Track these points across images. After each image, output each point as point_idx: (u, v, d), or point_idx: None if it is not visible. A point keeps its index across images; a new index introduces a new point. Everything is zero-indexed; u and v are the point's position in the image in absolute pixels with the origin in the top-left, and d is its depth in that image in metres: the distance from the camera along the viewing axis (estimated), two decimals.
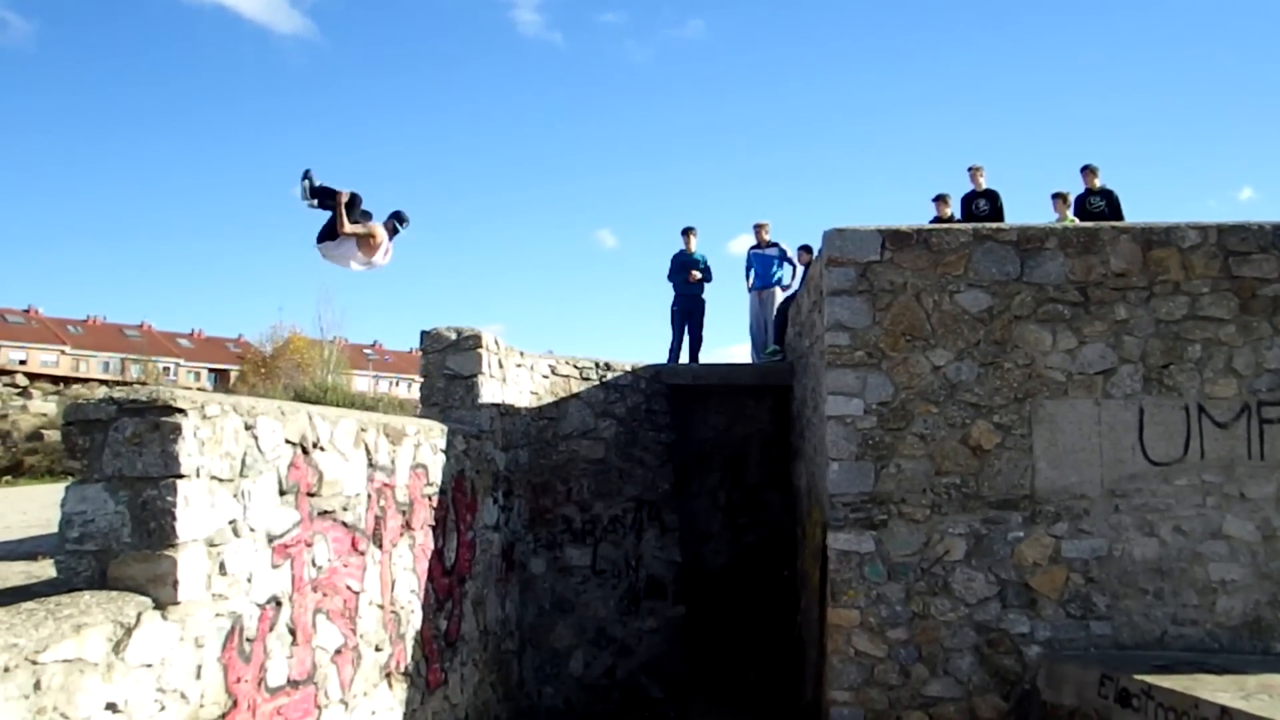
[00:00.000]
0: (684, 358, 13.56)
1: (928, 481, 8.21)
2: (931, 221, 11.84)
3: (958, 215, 12.22)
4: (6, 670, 3.17)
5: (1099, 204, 11.65)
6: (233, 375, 56.90)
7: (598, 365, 11.56)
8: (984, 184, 12.46)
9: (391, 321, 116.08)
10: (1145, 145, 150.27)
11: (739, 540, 12.03)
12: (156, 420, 4.11)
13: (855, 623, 8.12)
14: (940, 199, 12.43)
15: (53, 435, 20.05)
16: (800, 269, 13.17)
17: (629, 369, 11.62)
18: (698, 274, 13.67)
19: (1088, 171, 11.93)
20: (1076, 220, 11.00)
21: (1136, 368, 8.23)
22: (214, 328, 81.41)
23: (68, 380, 33.05)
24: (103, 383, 33.69)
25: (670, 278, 13.90)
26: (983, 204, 12.27)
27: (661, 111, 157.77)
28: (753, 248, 13.99)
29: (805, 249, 13.16)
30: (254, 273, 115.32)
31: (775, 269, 13.74)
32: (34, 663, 3.30)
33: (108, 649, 3.67)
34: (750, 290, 13.97)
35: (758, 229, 13.95)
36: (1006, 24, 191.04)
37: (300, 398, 17.63)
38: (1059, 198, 11.81)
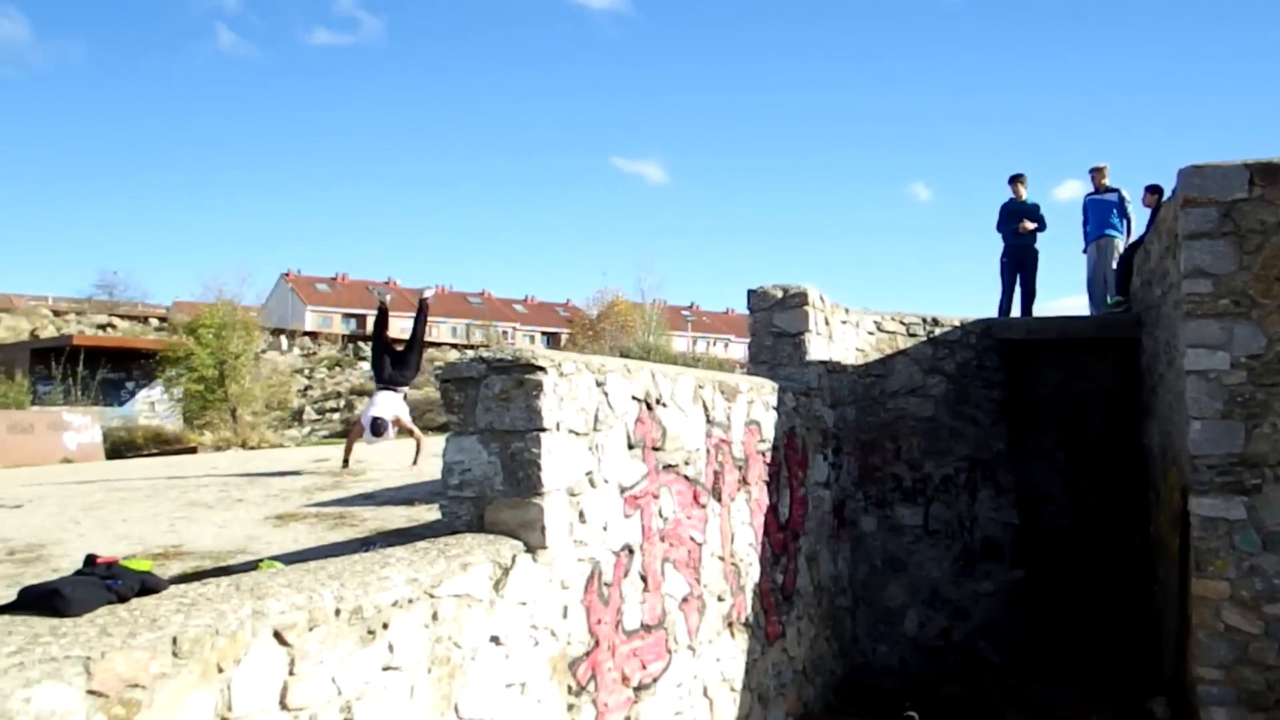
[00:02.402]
0: (1015, 311, 12.91)
1: None
2: None
3: None
4: (411, 601, 3.54)
5: None
6: (563, 338, 60.23)
7: (924, 321, 11.21)
8: None
9: (708, 283, 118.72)
10: None
11: (1080, 503, 11.31)
12: (521, 377, 4.42)
13: (1224, 595, 7.41)
14: None
15: (415, 394, 22.11)
16: (1145, 214, 12.10)
17: (957, 324, 11.18)
18: (1030, 224, 12.94)
19: None
20: None
21: None
22: (545, 294, 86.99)
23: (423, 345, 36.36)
24: (452, 346, 36.83)
25: (999, 228, 13.25)
26: None
27: (975, 54, 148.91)
28: (1089, 194, 13.03)
29: (1153, 189, 12.06)
30: (579, 241, 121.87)
31: (1114, 216, 12.74)
32: (431, 596, 3.66)
33: (489, 587, 4.01)
34: (1086, 239, 13.03)
35: (1095, 173, 12.97)
36: None
37: (625, 358, 18.43)
38: None
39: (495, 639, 3.99)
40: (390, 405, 10.04)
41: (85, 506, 8.41)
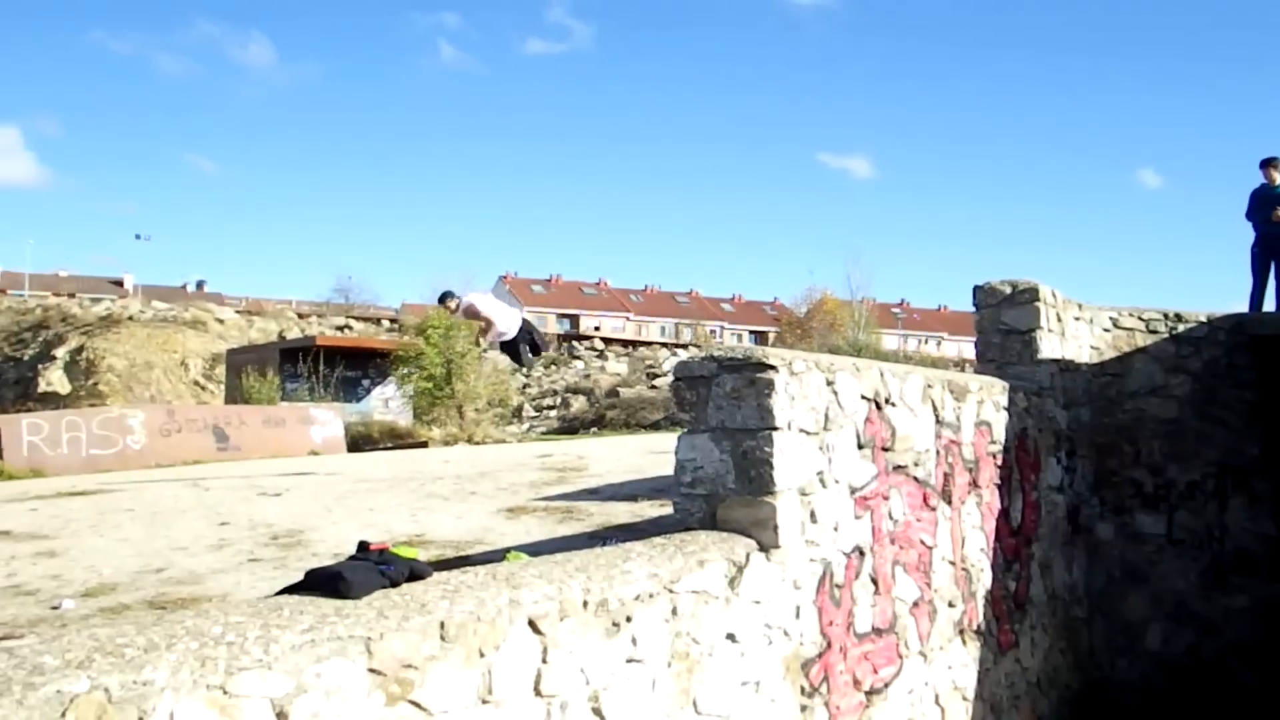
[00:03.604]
0: (1269, 305, 11.92)
1: None
2: None
3: None
4: (651, 596, 3.61)
5: None
6: (770, 336, 59.96)
7: (1166, 316, 10.48)
8: None
9: (919, 279, 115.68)
10: None
11: None
12: (752, 376, 4.42)
13: None
14: None
15: (627, 392, 22.59)
16: None
17: (1203, 319, 10.39)
18: None
19: None
20: None
21: None
22: (752, 292, 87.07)
23: (634, 344, 37.02)
24: (662, 345, 37.35)
25: (1249, 216, 12.23)
26: None
27: (1199, 23, 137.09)
28: None
29: None
30: (786, 239, 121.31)
31: None
32: (670, 591, 3.72)
33: (725, 584, 4.04)
34: None
35: None
36: None
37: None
38: None
39: (731, 636, 4.02)
40: None
41: (336, 496, 9.03)
